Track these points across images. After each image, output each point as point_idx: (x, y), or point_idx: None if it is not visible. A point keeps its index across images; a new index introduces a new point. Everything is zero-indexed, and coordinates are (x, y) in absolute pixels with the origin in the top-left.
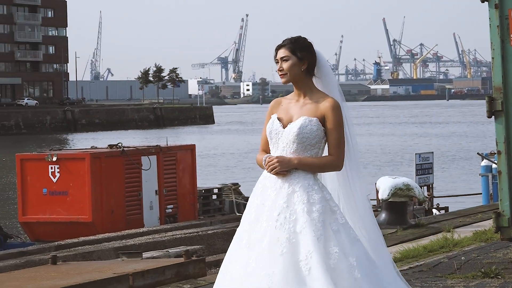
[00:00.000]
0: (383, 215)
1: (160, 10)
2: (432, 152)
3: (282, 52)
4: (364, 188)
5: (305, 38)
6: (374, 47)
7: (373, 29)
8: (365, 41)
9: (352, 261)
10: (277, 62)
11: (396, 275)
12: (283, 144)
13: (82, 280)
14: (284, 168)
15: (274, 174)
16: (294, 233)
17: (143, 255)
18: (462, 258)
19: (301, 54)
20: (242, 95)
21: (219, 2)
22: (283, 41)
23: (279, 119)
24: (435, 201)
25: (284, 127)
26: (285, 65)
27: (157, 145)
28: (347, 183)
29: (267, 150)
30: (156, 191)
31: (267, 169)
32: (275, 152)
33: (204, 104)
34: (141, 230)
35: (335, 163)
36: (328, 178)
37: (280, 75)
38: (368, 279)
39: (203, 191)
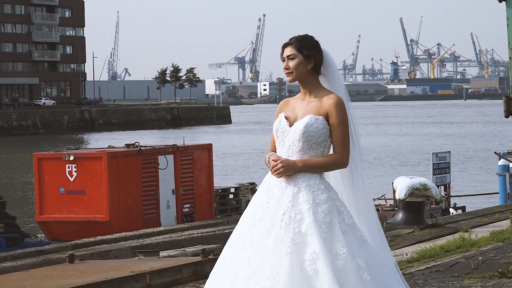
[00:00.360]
0: (400, 215)
1: (177, 10)
2: (449, 152)
3: (288, 50)
4: (367, 188)
5: (312, 36)
6: (391, 47)
7: (390, 29)
8: (382, 41)
9: (361, 263)
10: (283, 60)
11: (400, 278)
12: (289, 142)
13: (99, 278)
14: (288, 173)
15: (277, 177)
16: (299, 233)
17: (160, 254)
18: (479, 258)
19: (307, 52)
20: (259, 95)
21: (236, 2)
22: (290, 39)
23: (286, 117)
24: (452, 200)
25: (290, 125)
26: (291, 64)
27: (174, 145)
28: (352, 184)
29: (275, 150)
30: (173, 190)
31: (271, 171)
32: (281, 150)
33: (221, 104)
34: (158, 229)
35: (340, 161)
36: (332, 178)
37: (286, 73)
38: (375, 282)
39: (220, 190)
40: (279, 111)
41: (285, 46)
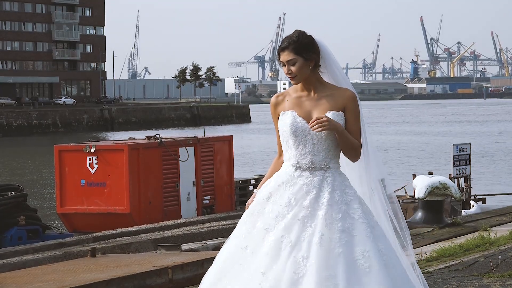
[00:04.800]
0: (419, 214)
1: (197, 9)
2: (470, 143)
3: (287, 55)
4: (377, 185)
5: (304, 32)
6: (411, 46)
7: (410, 27)
8: (402, 39)
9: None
10: (282, 65)
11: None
12: (314, 141)
13: (122, 273)
14: (330, 128)
15: (315, 130)
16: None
17: (181, 247)
18: (499, 257)
19: (306, 53)
20: None
21: (256, 1)
22: (285, 42)
23: (300, 116)
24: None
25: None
26: (294, 68)
27: (194, 136)
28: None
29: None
30: (193, 182)
31: (312, 125)
32: (303, 150)
33: (240, 103)
34: (179, 221)
35: (359, 150)
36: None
37: (290, 77)
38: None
39: (240, 182)
40: (276, 110)
41: (281, 50)
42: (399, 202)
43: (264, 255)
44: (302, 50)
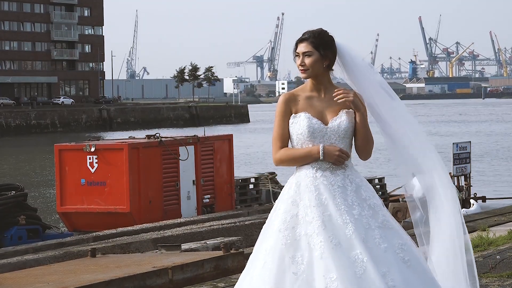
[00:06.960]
0: (418, 214)
1: (196, 9)
2: (470, 142)
3: (304, 47)
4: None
5: (327, 31)
6: (410, 46)
7: (409, 27)
8: (400, 39)
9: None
10: (297, 56)
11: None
12: (331, 141)
13: (122, 274)
14: (353, 102)
15: (339, 100)
16: None
17: (182, 247)
18: (497, 257)
19: (324, 50)
20: (277, 94)
21: (255, 1)
22: (306, 35)
23: (314, 117)
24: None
25: (325, 124)
26: (308, 61)
27: (194, 135)
28: None
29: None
30: (193, 181)
31: (337, 93)
32: None
33: (239, 103)
34: (179, 220)
35: (373, 146)
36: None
37: (301, 70)
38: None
39: (240, 180)
40: (288, 108)
41: (300, 41)
42: (400, 201)
43: (318, 259)
44: (321, 45)
